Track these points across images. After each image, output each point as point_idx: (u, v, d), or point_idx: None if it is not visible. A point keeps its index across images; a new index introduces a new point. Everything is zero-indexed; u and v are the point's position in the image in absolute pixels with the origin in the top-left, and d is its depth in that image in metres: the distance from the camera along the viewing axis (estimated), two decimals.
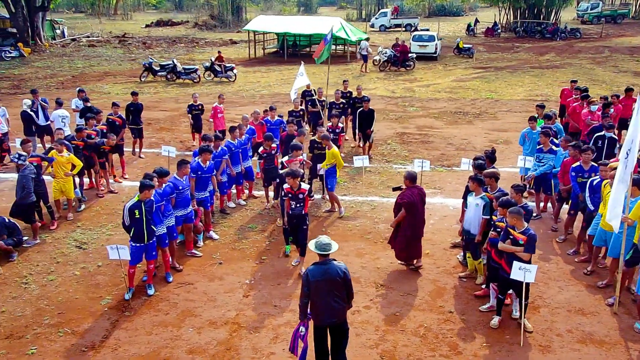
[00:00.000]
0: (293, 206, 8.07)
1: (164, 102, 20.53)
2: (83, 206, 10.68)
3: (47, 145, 13.73)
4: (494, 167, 8.42)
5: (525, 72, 26.44)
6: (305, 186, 8.07)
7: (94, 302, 7.52)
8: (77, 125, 12.39)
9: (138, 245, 7.42)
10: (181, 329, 6.88)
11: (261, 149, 10.27)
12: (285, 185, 8.06)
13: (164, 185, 7.96)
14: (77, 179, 10.76)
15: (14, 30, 34.63)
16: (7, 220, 8.80)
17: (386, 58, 26.59)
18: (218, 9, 52.87)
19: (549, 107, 19.05)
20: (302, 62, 14.00)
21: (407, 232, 8.00)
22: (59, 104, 13.09)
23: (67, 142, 10.33)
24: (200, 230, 9.15)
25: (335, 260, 5.63)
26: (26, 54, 31.96)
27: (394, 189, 8.39)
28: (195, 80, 24.24)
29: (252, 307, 7.36)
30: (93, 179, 11.53)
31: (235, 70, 24.75)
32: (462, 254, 8.40)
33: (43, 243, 9.22)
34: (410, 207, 7.88)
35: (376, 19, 47.84)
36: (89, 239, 9.37)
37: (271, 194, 10.68)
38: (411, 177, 7.96)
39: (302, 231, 8.12)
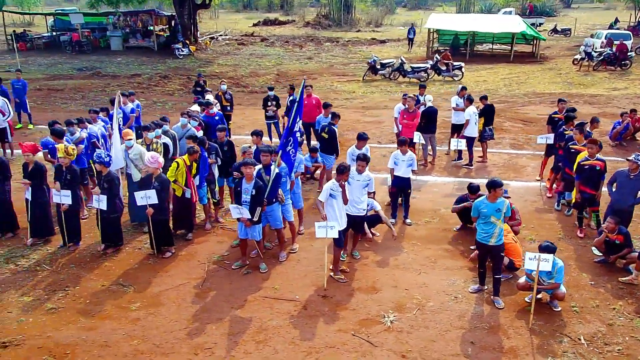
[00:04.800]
0: None
1: None
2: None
3: None
4: None
5: None
6: None
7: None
8: None
9: None
10: None
11: None
12: None
13: None
14: None
15: (161, 27, 34.54)
16: None
17: (602, 57, 25.56)
18: (328, 8, 52.21)
19: None
20: None
21: None
22: None
23: None
24: None
25: None
26: (192, 51, 31.54)
27: None
28: (422, 80, 23.37)
29: None
30: None
31: (463, 69, 23.84)
32: None
33: None
34: None
35: None
36: None
37: None
38: None
39: None
